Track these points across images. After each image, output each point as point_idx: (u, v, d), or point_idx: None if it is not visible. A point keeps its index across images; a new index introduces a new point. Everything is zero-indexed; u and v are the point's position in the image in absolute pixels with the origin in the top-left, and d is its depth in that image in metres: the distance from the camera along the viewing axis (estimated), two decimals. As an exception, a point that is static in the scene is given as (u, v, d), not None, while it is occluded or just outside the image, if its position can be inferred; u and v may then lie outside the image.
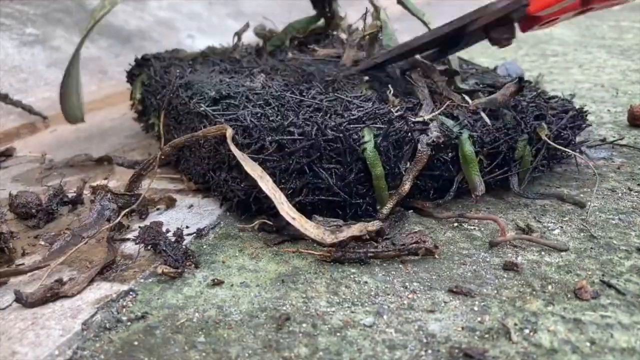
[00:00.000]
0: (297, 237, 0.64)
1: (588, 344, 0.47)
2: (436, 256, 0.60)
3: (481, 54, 1.53)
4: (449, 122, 0.70)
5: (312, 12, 1.15)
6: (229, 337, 0.49)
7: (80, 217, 0.74)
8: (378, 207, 0.68)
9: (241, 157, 0.62)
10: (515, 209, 0.71)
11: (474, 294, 0.54)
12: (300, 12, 1.22)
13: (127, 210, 0.67)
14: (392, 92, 0.76)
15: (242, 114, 0.68)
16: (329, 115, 0.68)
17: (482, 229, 0.67)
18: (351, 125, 0.65)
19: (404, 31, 1.18)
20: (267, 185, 0.60)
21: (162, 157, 0.70)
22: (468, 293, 0.54)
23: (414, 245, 0.59)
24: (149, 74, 0.99)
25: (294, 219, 0.58)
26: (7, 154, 1.00)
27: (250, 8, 2.43)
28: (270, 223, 0.65)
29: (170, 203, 0.74)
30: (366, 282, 0.56)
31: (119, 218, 0.64)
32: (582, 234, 0.64)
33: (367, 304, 0.53)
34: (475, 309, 0.52)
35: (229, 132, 0.64)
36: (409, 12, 0.93)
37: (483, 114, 0.73)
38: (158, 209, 0.74)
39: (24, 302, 0.53)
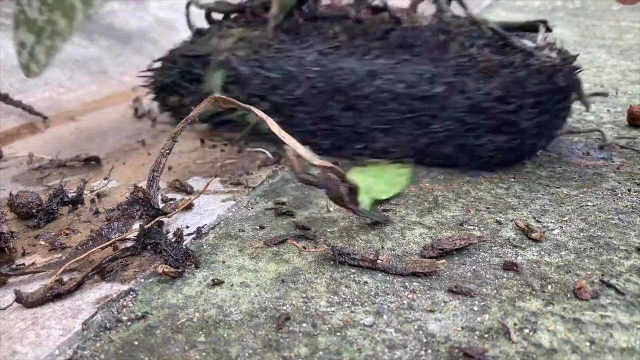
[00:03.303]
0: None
1: (588, 343, 0.47)
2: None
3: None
4: None
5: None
6: (229, 337, 0.49)
7: (80, 217, 0.74)
8: None
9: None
10: (515, 209, 0.71)
11: (474, 294, 0.54)
12: (300, 12, 1.22)
13: (159, 217, 0.66)
14: None
15: None
16: None
17: (482, 229, 0.67)
18: None
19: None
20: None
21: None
22: (468, 293, 0.54)
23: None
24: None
25: (284, 138, 0.61)
26: None
27: (250, 8, 2.43)
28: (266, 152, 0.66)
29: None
30: (366, 282, 0.56)
31: (150, 223, 0.63)
32: (581, 234, 0.64)
33: (367, 303, 0.53)
34: (475, 308, 0.52)
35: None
36: None
37: None
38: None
39: (24, 301, 0.53)
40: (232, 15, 1.06)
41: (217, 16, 1.12)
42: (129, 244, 0.65)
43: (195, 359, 0.47)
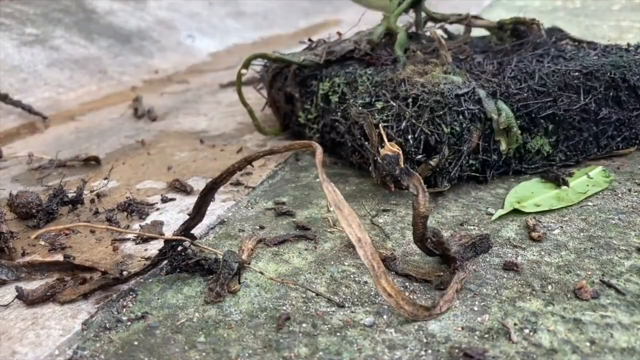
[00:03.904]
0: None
1: (588, 343, 0.47)
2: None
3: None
4: None
5: (311, 12, 1.15)
6: (229, 337, 0.49)
7: (80, 217, 0.74)
8: None
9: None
10: (515, 209, 0.71)
11: (474, 294, 0.54)
12: (300, 13, 1.22)
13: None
14: None
15: None
16: None
17: (482, 228, 0.67)
18: None
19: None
20: (364, 251, 0.52)
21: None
22: (468, 293, 0.54)
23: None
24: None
25: (390, 295, 0.51)
26: None
27: (250, 8, 2.43)
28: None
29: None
30: (366, 282, 0.56)
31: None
32: (582, 234, 0.64)
33: (367, 304, 0.53)
34: (475, 309, 0.52)
35: (319, 150, 0.55)
36: None
37: None
38: (158, 209, 0.75)
39: (25, 299, 0.53)
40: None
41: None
42: (128, 244, 0.65)
43: (195, 359, 0.47)
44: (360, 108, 0.80)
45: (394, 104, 0.77)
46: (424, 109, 0.75)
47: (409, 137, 0.74)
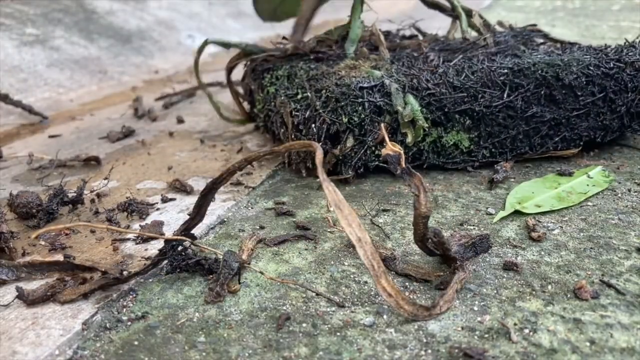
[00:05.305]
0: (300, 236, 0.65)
1: (588, 343, 0.47)
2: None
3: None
4: None
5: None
6: (229, 337, 0.49)
7: (80, 217, 0.74)
8: None
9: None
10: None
11: (474, 294, 0.54)
12: (300, 12, 1.22)
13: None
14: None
15: None
16: None
17: (482, 228, 0.67)
18: None
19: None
20: (364, 250, 0.51)
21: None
22: (468, 293, 0.54)
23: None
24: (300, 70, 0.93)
25: (390, 295, 0.51)
26: None
27: (250, 8, 2.43)
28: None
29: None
30: (366, 282, 0.56)
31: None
32: (582, 234, 0.64)
33: (367, 303, 0.53)
34: (475, 309, 0.52)
35: (319, 151, 0.55)
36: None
37: None
38: (158, 209, 0.75)
39: (25, 299, 0.53)
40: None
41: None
42: (129, 244, 0.65)
43: (195, 359, 0.47)
44: (283, 98, 0.85)
45: (309, 95, 0.82)
46: (330, 99, 0.79)
47: (313, 125, 0.79)
